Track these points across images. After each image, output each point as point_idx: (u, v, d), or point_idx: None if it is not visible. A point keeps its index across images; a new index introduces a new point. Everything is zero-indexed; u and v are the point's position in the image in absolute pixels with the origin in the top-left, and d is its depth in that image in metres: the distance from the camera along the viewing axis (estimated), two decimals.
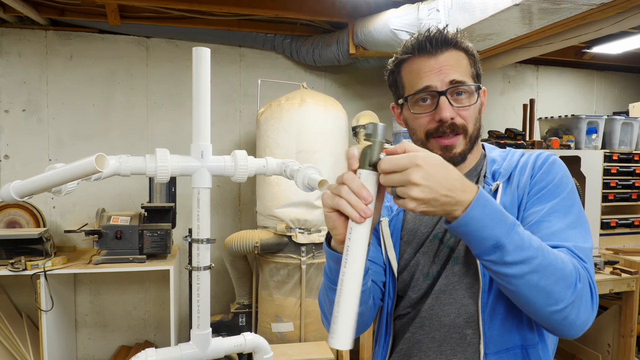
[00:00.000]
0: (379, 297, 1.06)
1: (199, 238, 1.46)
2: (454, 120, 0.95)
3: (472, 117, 0.98)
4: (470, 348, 0.92)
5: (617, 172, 3.41)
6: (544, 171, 0.95)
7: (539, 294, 0.78)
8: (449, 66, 0.96)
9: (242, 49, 3.56)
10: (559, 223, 0.88)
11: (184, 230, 3.38)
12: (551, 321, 0.81)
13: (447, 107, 0.94)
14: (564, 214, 0.90)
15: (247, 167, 1.49)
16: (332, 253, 0.88)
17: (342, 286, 0.77)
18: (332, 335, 0.76)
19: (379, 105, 3.72)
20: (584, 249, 0.86)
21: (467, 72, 0.98)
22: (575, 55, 4.02)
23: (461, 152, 0.98)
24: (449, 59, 0.96)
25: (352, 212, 0.75)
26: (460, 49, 0.98)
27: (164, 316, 3.47)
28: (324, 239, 0.92)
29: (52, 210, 3.30)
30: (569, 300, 0.79)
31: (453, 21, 2.35)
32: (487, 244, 0.76)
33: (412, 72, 1.00)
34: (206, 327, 1.48)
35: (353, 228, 0.77)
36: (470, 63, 0.99)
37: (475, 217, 0.74)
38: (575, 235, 0.88)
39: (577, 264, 0.83)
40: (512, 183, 0.96)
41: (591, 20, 2.35)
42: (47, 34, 3.23)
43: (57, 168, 1.19)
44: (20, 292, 3.15)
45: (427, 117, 0.98)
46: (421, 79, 0.97)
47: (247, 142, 3.59)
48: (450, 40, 0.97)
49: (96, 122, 3.33)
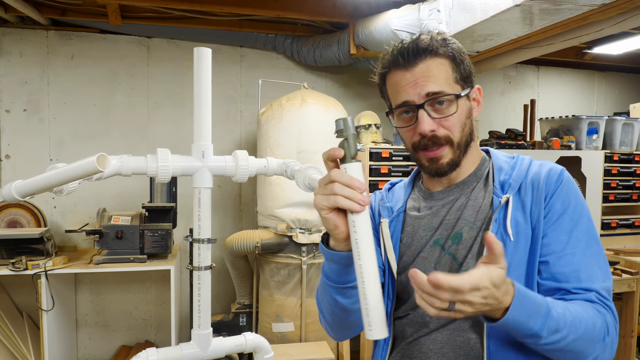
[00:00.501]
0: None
1: (199, 238, 1.46)
2: (434, 133, 0.94)
3: (456, 125, 0.95)
4: (472, 352, 0.92)
5: (617, 173, 3.41)
6: (560, 191, 0.93)
7: (569, 356, 0.84)
8: (425, 78, 0.94)
9: (243, 49, 3.56)
10: (581, 256, 0.90)
11: (185, 230, 3.38)
12: None
13: (426, 120, 0.93)
14: (586, 242, 0.91)
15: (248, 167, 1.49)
16: (334, 253, 0.88)
17: (363, 278, 0.78)
18: (369, 328, 0.78)
19: (380, 106, 3.71)
20: (606, 288, 0.89)
21: (448, 79, 0.95)
22: (576, 56, 4.01)
23: (449, 161, 0.97)
24: (425, 70, 0.94)
25: (352, 204, 0.77)
26: (438, 55, 0.95)
27: (165, 316, 3.47)
28: (320, 241, 0.92)
29: (53, 210, 3.30)
30: (597, 353, 0.84)
31: (454, 22, 2.35)
32: (525, 334, 0.80)
33: (392, 86, 0.99)
34: (207, 327, 1.48)
35: (356, 220, 0.78)
36: (453, 67, 0.96)
37: (513, 319, 0.77)
38: (599, 270, 0.90)
39: (606, 314, 0.87)
40: (524, 197, 0.94)
41: (592, 21, 2.35)
42: (48, 34, 3.23)
43: (59, 168, 1.19)
44: (21, 291, 3.15)
45: (410, 131, 0.97)
46: (399, 93, 0.97)
47: (248, 142, 3.59)
48: (424, 49, 0.94)
49: (97, 122, 3.33)
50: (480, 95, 1.03)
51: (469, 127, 0.99)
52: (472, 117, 1.00)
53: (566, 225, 0.91)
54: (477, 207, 0.97)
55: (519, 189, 0.95)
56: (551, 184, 0.94)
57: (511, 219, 0.92)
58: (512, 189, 0.95)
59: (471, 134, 1.00)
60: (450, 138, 0.95)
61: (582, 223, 0.92)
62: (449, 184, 1.03)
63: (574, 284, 0.88)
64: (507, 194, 0.95)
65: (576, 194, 0.94)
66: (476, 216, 0.96)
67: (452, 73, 0.96)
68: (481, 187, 1.00)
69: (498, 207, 0.94)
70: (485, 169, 1.03)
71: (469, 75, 1.00)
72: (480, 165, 1.03)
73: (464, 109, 0.97)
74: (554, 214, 0.91)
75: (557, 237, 0.90)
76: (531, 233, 0.92)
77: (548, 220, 0.91)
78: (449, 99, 0.94)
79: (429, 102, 0.94)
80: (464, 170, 1.02)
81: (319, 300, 1.04)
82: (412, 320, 0.99)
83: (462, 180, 1.02)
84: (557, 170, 0.96)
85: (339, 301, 0.95)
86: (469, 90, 0.99)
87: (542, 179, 0.94)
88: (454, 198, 1.01)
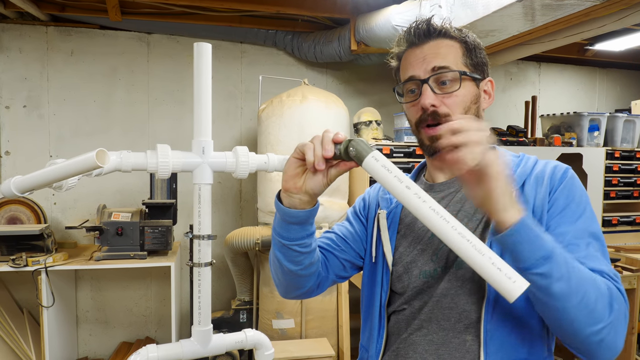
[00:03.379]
0: (338, 272, 1.10)
1: (200, 234, 1.45)
2: (436, 108, 0.94)
3: (458, 105, 0.95)
4: (469, 355, 0.91)
5: (619, 170, 3.41)
6: (564, 186, 0.92)
7: (582, 311, 0.77)
8: (433, 54, 0.95)
9: (244, 45, 3.55)
10: (586, 248, 0.87)
11: (185, 227, 3.38)
12: (588, 343, 0.79)
13: (428, 94, 0.94)
14: (590, 236, 0.89)
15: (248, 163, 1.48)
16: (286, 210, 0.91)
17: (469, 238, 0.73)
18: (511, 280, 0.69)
19: (381, 102, 3.72)
20: (614, 272, 0.86)
21: (457, 60, 0.96)
22: (578, 52, 4.00)
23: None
24: (434, 47, 0.96)
25: (310, 156, 0.84)
26: (450, 37, 0.97)
27: (165, 312, 3.47)
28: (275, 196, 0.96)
29: (53, 207, 3.30)
30: (608, 321, 0.78)
31: (455, 17, 2.34)
32: (538, 254, 0.75)
33: (403, 65, 1.01)
34: (207, 324, 1.48)
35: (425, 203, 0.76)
36: (464, 51, 0.97)
37: (528, 225, 0.75)
38: (604, 265, 0.87)
39: (611, 284, 0.83)
40: (527, 192, 0.94)
41: (594, 17, 2.34)
42: (47, 30, 3.22)
43: (58, 163, 1.19)
44: (21, 288, 3.15)
45: (415, 107, 0.97)
46: (407, 69, 0.99)
47: (249, 138, 3.58)
48: (435, 30, 0.96)
49: (97, 118, 3.32)
50: (493, 88, 1.03)
51: (473, 113, 0.97)
52: (479, 104, 0.99)
53: (569, 219, 0.89)
54: None
55: (523, 184, 0.95)
56: (556, 180, 0.93)
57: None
58: (516, 184, 0.95)
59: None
60: (450, 117, 0.94)
61: (585, 217, 0.90)
62: (451, 174, 1.03)
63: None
64: None
65: (581, 191, 0.93)
66: (476, 209, 0.96)
67: (462, 56, 0.97)
68: None
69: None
70: None
71: (482, 66, 1.00)
72: None
73: (469, 91, 0.97)
74: (557, 207, 0.91)
75: (560, 229, 0.89)
76: None
77: (551, 214, 0.91)
78: (453, 75, 0.95)
79: (433, 78, 0.94)
80: None
81: (270, 261, 1.07)
82: (407, 316, 0.99)
83: None
84: (562, 168, 0.95)
85: (289, 268, 0.99)
86: (477, 76, 0.98)
87: (547, 175, 0.94)
88: (455, 190, 1.01)
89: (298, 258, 0.97)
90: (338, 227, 1.15)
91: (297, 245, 0.95)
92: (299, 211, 0.90)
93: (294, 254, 0.96)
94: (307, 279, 1.03)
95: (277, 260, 1.00)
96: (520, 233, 0.75)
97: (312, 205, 0.92)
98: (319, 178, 0.88)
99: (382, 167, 0.78)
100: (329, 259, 1.09)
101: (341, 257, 1.10)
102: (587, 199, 0.93)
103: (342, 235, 1.12)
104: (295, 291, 1.07)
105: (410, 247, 1.01)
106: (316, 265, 1.02)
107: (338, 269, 1.10)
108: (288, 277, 1.02)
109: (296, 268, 0.98)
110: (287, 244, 0.95)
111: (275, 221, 0.96)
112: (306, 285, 1.05)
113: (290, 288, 1.06)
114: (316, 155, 0.83)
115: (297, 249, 0.95)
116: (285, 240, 0.95)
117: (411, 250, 1.01)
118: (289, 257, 0.97)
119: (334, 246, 1.10)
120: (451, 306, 0.93)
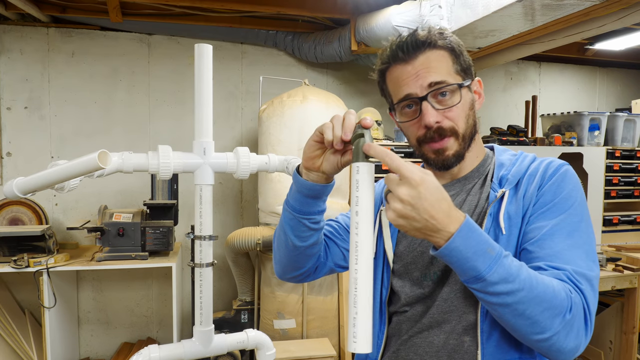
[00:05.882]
0: (337, 261, 1.12)
1: (201, 235, 1.46)
2: (440, 124, 0.94)
3: (460, 116, 0.95)
4: (467, 355, 0.91)
5: (619, 169, 3.40)
6: (554, 182, 0.91)
7: (523, 322, 0.78)
8: (426, 69, 0.94)
9: (244, 45, 3.56)
10: (562, 243, 0.86)
11: (186, 228, 3.38)
12: (537, 347, 0.81)
13: (430, 112, 0.93)
14: (568, 233, 0.87)
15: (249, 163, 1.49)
16: (303, 182, 0.94)
17: (357, 285, 0.76)
18: (353, 340, 0.74)
19: (381, 102, 3.71)
20: (583, 273, 0.83)
21: (449, 70, 0.95)
22: (578, 52, 4.00)
23: (455, 153, 0.96)
24: (425, 62, 0.94)
25: (329, 136, 0.86)
26: (437, 47, 0.95)
27: (167, 313, 3.48)
28: (295, 170, 0.99)
29: (55, 208, 3.31)
30: (556, 330, 0.78)
31: (455, 17, 2.35)
32: (469, 274, 0.77)
33: (393, 81, 0.99)
34: (209, 324, 1.49)
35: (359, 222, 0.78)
36: (453, 59, 0.96)
37: (456, 248, 0.76)
38: (578, 257, 0.85)
39: (572, 291, 0.81)
40: (520, 190, 0.93)
41: (594, 17, 2.34)
42: (48, 31, 3.23)
43: (60, 165, 1.19)
44: (23, 289, 3.16)
45: (414, 125, 0.97)
46: (401, 87, 0.96)
47: (249, 139, 3.59)
48: (423, 42, 0.94)
49: (98, 119, 3.33)
50: (481, 87, 1.03)
51: (472, 119, 0.98)
52: (474, 109, 1.00)
53: (551, 214, 0.88)
54: (475, 203, 0.98)
55: (517, 183, 0.95)
56: (546, 175, 0.93)
57: (504, 213, 0.91)
58: (510, 184, 0.95)
59: (474, 126, 1.00)
60: (455, 129, 0.95)
61: (570, 215, 0.88)
62: (451, 178, 1.03)
63: (547, 262, 0.84)
64: (503, 188, 0.95)
65: (572, 186, 0.92)
66: (473, 211, 0.97)
67: (452, 65, 0.96)
68: (481, 183, 1.00)
69: (493, 201, 0.94)
70: (488, 166, 1.03)
71: (469, 68, 0.99)
72: (483, 162, 1.03)
73: (466, 100, 0.97)
74: (542, 203, 0.90)
75: (541, 224, 0.88)
76: (520, 222, 0.91)
77: (536, 209, 0.90)
78: (451, 88, 0.94)
79: (432, 94, 0.94)
80: (467, 164, 1.01)
81: (275, 236, 1.08)
82: (409, 318, 0.99)
83: (465, 176, 1.02)
84: (557, 164, 0.95)
85: (295, 243, 1.01)
86: (470, 82, 0.98)
87: (540, 170, 0.94)
88: (454, 194, 1.01)
89: (306, 234, 0.99)
90: (342, 217, 1.17)
91: (308, 220, 0.98)
92: (315, 184, 0.94)
93: (302, 228, 0.99)
94: (308, 259, 1.05)
95: (283, 234, 1.02)
96: (450, 255, 0.77)
97: (328, 182, 0.96)
98: (335, 161, 0.92)
99: (355, 181, 0.80)
100: (330, 246, 1.11)
101: (342, 246, 1.12)
102: (578, 194, 0.91)
103: (345, 225, 1.14)
104: (293, 271, 1.09)
105: (411, 247, 1.02)
106: (319, 247, 1.05)
107: (337, 258, 1.12)
108: (291, 254, 1.04)
109: (301, 244, 1.00)
110: (298, 217, 0.98)
111: (290, 194, 0.99)
112: (306, 265, 1.07)
113: (289, 267, 1.08)
114: (335, 136, 0.86)
115: (307, 224, 0.98)
116: (297, 213, 0.97)
117: (411, 250, 1.01)
118: (297, 232, 0.99)
119: (336, 234, 1.12)
120: (452, 309, 0.94)
